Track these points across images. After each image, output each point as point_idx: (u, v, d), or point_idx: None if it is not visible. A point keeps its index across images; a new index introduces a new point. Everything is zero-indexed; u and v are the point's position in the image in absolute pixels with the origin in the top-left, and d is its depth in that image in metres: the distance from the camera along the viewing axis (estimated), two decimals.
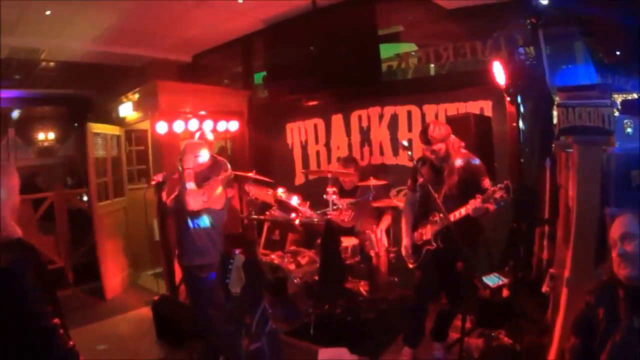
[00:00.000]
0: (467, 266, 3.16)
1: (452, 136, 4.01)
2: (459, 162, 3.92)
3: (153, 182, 4.46)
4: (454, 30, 5.83)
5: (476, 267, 4.85)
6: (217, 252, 4.07)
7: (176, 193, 4.02)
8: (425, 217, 4.09)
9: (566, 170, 3.60)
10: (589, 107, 3.02)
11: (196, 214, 3.91)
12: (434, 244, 3.97)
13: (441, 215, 3.84)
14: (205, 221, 3.96)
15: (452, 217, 3.69)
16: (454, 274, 4.03)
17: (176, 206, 4.00)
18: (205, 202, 3.90)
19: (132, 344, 4.89)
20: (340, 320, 4.87)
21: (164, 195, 4.33)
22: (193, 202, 3.81)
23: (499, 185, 3.52)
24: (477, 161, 3.96)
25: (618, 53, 3.74)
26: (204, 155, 4.06)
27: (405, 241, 4.26)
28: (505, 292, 4.46)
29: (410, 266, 4.26)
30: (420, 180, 4.08)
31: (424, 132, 3.98)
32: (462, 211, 3.67)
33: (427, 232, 4.03)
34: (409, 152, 4.03)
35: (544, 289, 3.92)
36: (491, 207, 3.63)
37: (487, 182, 3.78)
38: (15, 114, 11.25)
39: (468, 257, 3.74)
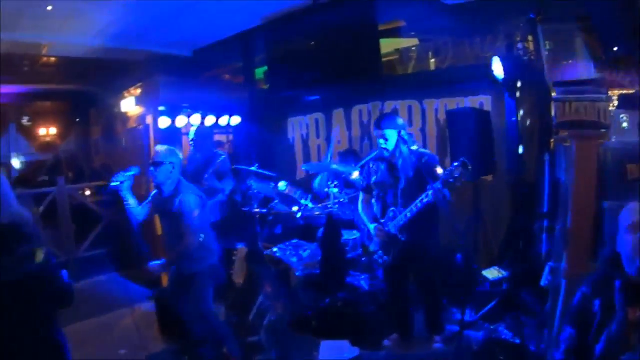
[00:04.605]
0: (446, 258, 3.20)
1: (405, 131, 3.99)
2: (412, 157, 3.89)
3: (115, 184, 3.81)
4: (455, 25, 5.83)
5: (477, 261, 4.93)
6: (208, 255, 3.99)
7: (155, 193, 4.00)
8: (384, 215, 4.12)
9: (565, 164, 3.62)
10: (585, 102, 3.05)
11: None
12: (400, 239, 3.96)
13: (397, 209, 3.92)
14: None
15: (414, 208, 3.72)
16: (424, 266, 4.07)
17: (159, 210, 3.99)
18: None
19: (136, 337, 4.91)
20: (342, 314, 4.89)
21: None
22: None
23: (455, 164, 3.43)
24: (429, 153, 4.01)
25: (616, 49, 3.74)
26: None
27: (372, 243, 4.30)
28: (505, 286, 4.50)
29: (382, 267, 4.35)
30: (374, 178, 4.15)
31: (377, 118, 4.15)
32: (424, 199, 3.64)
33: (391, 229, 4.03)
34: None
35: (543, 282, 3.96)
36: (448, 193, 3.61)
37: (441, 170, 3.71)
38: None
39: (435, 248, 3.82)
